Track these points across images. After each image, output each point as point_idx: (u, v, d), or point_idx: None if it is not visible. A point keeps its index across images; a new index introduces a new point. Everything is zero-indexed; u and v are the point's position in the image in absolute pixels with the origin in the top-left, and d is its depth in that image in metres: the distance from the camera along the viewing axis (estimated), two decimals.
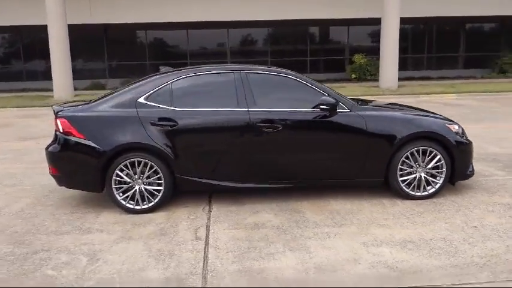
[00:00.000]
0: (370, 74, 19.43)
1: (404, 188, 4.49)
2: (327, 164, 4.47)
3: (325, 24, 21.51)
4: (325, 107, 4.31)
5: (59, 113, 4.42)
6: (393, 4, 15.65)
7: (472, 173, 4.71)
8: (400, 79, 16.97)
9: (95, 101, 4.68)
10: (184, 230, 3.90)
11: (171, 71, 4.76)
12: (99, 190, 4.43)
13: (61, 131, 4.36)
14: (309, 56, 21.43)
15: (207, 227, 3.97)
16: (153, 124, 4.30)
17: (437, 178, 4.52)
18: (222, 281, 2.97)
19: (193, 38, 21.16)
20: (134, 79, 17.66)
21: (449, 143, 4.47)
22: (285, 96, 4.54)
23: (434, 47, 21.83)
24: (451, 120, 4.79)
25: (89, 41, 20.44)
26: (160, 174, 4.30)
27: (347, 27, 21.34)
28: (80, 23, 17.85)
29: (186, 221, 4.14)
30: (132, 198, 4.33)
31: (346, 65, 21.15)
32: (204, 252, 3.44)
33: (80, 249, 3.56)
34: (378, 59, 18.96)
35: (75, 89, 16.78)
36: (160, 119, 4.31)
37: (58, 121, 4.37)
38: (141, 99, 4.40)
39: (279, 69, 4.72)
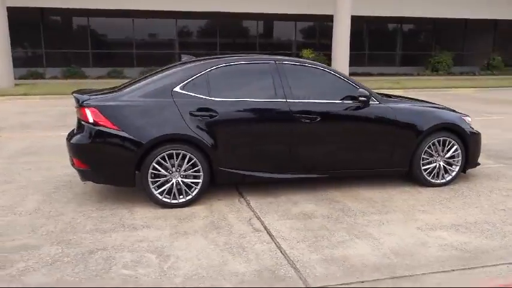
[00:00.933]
0: None
1: (426, 176, 4.77)
2: (359, 154, 4.62)
3: (273, 19, 21.78)
4: (363, 98, 4.45)
5: (86, 102, 4.09)
6: (345, 2, 16.25)
7: (479, 162, 5.12)
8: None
9: (120, 89, 4.41)
10: (237, 223, 3.83)
11: (200, 60, 4.62)
12: (132, 184, 4.19)
13: (90, 121, 4.04)
14: (258, 49, 21.58)
15: (258, 218, 3.93)
16: (192, 114, 4.14)
17: (453, 166, 4.87)
18: (314, 270, 2.98)
19: (140, 27, 20.35)
20: (77, 68, 16.72)
21: (465, 134, 4.83)
22: (318, 88, 4.61)
23: (375, 45, 23.06)
24: (462, 113, 5.16)
25: (24, 26, 18.80)
26: (199, 166, 4.16)
27: (294, 23, 21.81)
28: (15, 5, 16.37)
29: (231, 213, 4.06)
30: (169, 192, 4.15)
31: None
32: (274, 243, 3.42)
33: (139, 247, 3.36)
34: (326, 54, 19.71)
35: None
36: (200, 109, 4.17)
37: (87, 111, 4.05)
38: (177, 89, 4.22)
39: (311, 60, 4.77)
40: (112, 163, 4.10)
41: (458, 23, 23.22)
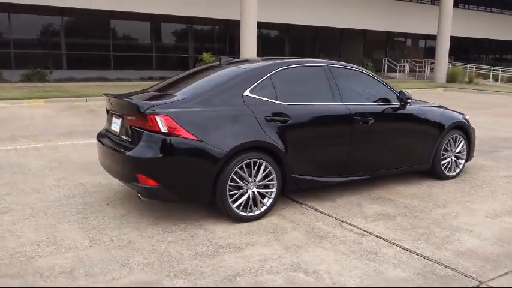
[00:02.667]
0: None
1: (443, 170, 5.25)
2: (400, 153, 4.86)
3: (169, 21, 21.03)
4: (410, 100, 4.70)
5: (153, 109, 3.53)
6: (252, 7, 16.63)
7: (473, 155, 5.81)
8: None
9: (163, 92, 3.99)
10: (333, 230, 3.72)
11: (253, 62, 4.41)
12: (208, 200, 3.73)
13: (163, 130, 3.49)
14: (154, 52, 20.65)
15: (347, 223, 3.88)
16: (267, 120, 3.88)
17: (460, 160, 5.45)
18: (465, 266, 3.08)
19: (17, 23, 17.70)
20: None
21: (469, 131, 5.45)
22: (363, 90, 4.70)
23: (268, 50, 23.99)
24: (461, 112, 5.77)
25: None
26: (274, 175, 3.92)
27: (191, 25, 21.43)
28: None
29: (313, 221, 3.92)
30: (245, 205, 3.82)
31: (191, 63, 21.28)
32: (395, 245, 3.42)
33: (272, 267, 3.04)
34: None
35: None
36: (274, 114, 3.93)
37: (158, 119, 3.49)
38: (247, 93, 3.91)
39: (351, 64, 4.85)
40: (189, 177, 3.61)
41: (335, 31, 25.61)
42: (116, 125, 4.03)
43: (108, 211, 4.10)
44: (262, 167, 3.85)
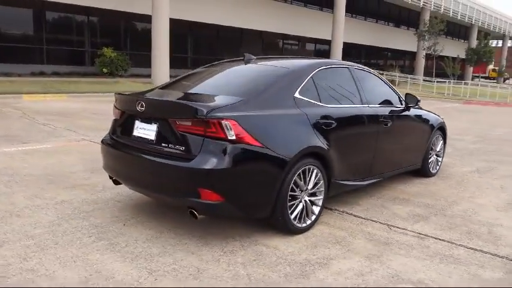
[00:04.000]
0: (122, 69, 18.66)
1: (429, 167, 5.57)
2: (406, 153, 5.01)
3: (60, 10, 18.86)
4: (419, 102, 4.85)
5: (217, 113, 3.05)
6: (164, 2, 15.80)
7: None
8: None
9: (196, 92, 3.59)
10: (389, 234, 3.65)
11: (282, 59, 4.11)
12: (270, 213, 3.35)
13: (230, 137, 3.04)
14: (45, 44, 18.32)
15: (394, 226, 3.85)
16: (317, 123, 3.65)
17: (439, 158, 5.84)
18: None
19: None
20: None
21: (445, 130, 5.87)
22: (376, 92, 4.71)
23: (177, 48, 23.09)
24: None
25: None
26: (322, 181, 3.71)
27: (87, 17, 19.52)
28: None
29: (363, 227, 3.81)
30: (300, 215, 3.55)
31: (87, 58, 19.46)
32: (461, 246, 3.48)
33: (378, 282, 2.85)
34: (128, 54, 18.75)
35: None
36: (322, 117, 3.71)
37: (225, 124, 3.02)
38: (297, 94, 3.63)
39: (362, 65, 4.82)
40: (256, 189, 3.20)
41: (236, 32, 25.77)
42: (146, 131, 3.39)
43: (133, 233, 3.45)
44: (314, 174, 3.61)
